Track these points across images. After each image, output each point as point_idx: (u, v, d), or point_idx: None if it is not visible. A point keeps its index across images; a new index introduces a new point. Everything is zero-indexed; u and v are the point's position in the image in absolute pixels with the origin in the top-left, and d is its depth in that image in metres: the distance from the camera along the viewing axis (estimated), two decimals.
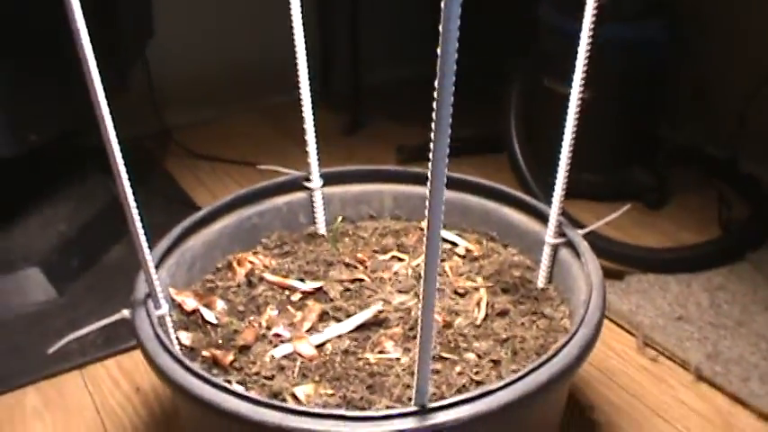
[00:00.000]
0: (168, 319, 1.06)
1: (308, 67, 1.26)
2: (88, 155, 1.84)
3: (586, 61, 1.07)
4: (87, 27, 0.81)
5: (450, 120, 0.67)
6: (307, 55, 1.25)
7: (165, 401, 1.39)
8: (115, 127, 0.89)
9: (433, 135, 0.67)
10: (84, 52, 0.82)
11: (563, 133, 1.12)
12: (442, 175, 0.70)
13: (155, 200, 2.02)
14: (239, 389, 0.97)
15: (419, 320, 0.78)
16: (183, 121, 2.47)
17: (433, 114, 0.67)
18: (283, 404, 0.86)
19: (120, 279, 1.61)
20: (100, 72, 0.85)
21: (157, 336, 0.98)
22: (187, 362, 0.93)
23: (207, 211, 1.26)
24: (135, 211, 0.95)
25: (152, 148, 2.36)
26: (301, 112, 1.29)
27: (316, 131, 1.30)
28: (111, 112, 0.88)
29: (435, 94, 0.66)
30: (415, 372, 0.82)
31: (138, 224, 0.96)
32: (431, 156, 0.69)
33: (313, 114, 1.29)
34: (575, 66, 1.07)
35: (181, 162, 2.28)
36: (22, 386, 1.44)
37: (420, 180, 1.35)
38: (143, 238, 0.97)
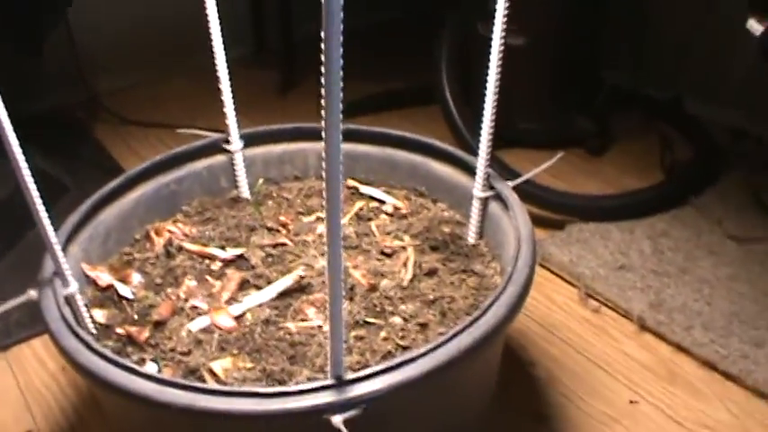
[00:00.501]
0: (79, 298, 1.00)
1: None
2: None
3: (508, 3, 1.02)
4: None
5: (341, 71, 0.62)
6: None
7: None
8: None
9: (324, 88, 0.62)
10: None
11: (500, 82, 1.07)
12: (337, 132, 0.65)
13: (85, 171, 1.95)
14: (151, 368, 0.92)
15: (327, 287, 0.73)
16: (112, 87, 2.39)
17: (322, 67, 0.61)
18: (191, 383, 0.81)
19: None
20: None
21: (63, 316, 0.93)
22: (92, 343, 0.88)
23: (120, 180, 1.20)
24: (31, 181, 0.89)
25: (81, 116, 2.28)
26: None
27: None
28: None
29: (323, 44, 0.60)
30: (328, 342, 0.77)
31: (36, 197, 0.91)
32: (323, 112, 0.63)
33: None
34: (507, 11, 1.02)
35: (111, 129, 2.21)
36: None
37: (345, 136, 1.29)
38: (43, 214, 0.92)
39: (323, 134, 0.65)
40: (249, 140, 1.29)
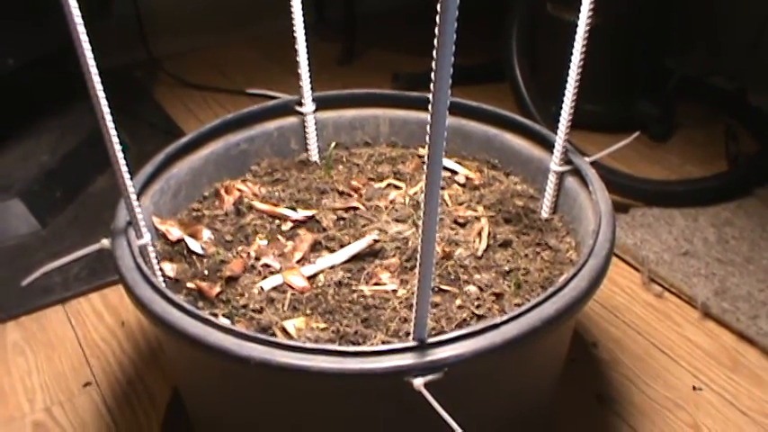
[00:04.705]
0: (151, 249, 0.99)
1: None
2: (73, 82, 1.78)
3: None
4: None
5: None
6: None
7: (150, 336, 1.34)
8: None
9: (436, 42, 0.60)
10: None
11: (568, 62, 1.05)
12: (446, 88, 0.63)
13: (143, 130, 1.96)
14: (225, 322, 0.91)
15: (418, 249, 0.72)
16: (173, 50, 2.40)
17: (436, 29, 0.59)
18: (271, 338, 0.80)
19: (105, 210, 1.54)
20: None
21: (138, 266, 0.92)
22: (169, 293, 0.87)
23: (193, 136, 1.19)
24: (113, 132, 0.88)
25: (141, 78, 2.29)
26: (294, 38, 1.22)
27: (309, 60, 1.23)
28: (93, 38, 0.81)
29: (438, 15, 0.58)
30: (414, 303, 0.76)
31: (117, 147, 0.89)
32: (433, 65, 0.61)
33: (306, 43, 1.22)
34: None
35: (170, 91, 2.21)
36: (2, 321, 1.39)
37: (418, 104, 1.28)
38: (122, 162, 0.90)
39: (430, 99, 0.62)
40: (321, 104, 1.28)
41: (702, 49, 2.14)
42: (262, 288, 0.99)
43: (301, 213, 1.13)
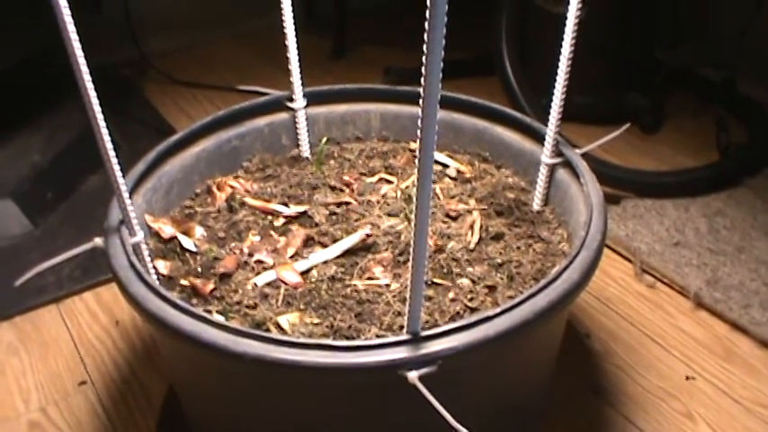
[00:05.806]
0: (144, 247, 0.99)
1: None
2: (63, 81, 1.77)
3: None
4: None
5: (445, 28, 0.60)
6: None
7: (145, 334, 1.34)
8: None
9: (426, 35, 0.60)
10: None
11: (557, 54, 1.05)
12: (437, 82, 0.63)
13: (134, 128, 1.96)
14: (219, 319, 0.91)
15: (411, 243, 0.72)
16: (163, 48, 2.39)
17: (426, 24, 0.59)
18: (265, 334, 0.80)
19: (97, 209, 1.53)
20: None
21: (131, 264, 0.92)
22: (163, 291, 0.87)
23: (184, 133, 1.19)
24: (105, 130, 0.88)
25: (131, 76, 2.29)
26: (283, 35, 1.22)
27: (299, 55, 1.23)
28: (83, 36, 0.81)
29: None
30: (408, 297, 0.76)
31: (109, 145, 0.89)
32: (423, 59, 0.62)
33: (296, 39, 1.22)
34: None
35: (161, 89, 2.21)
36: None
37: (409, 99, 1.28)
38: (114, 160, 0.90)
39: (421, 93, 0.63)
40: (312, 99, 1.28)
41: (691, 39, 2.14)
42: (255, 284, 0.99)
43: (293, 209, 1.13)
